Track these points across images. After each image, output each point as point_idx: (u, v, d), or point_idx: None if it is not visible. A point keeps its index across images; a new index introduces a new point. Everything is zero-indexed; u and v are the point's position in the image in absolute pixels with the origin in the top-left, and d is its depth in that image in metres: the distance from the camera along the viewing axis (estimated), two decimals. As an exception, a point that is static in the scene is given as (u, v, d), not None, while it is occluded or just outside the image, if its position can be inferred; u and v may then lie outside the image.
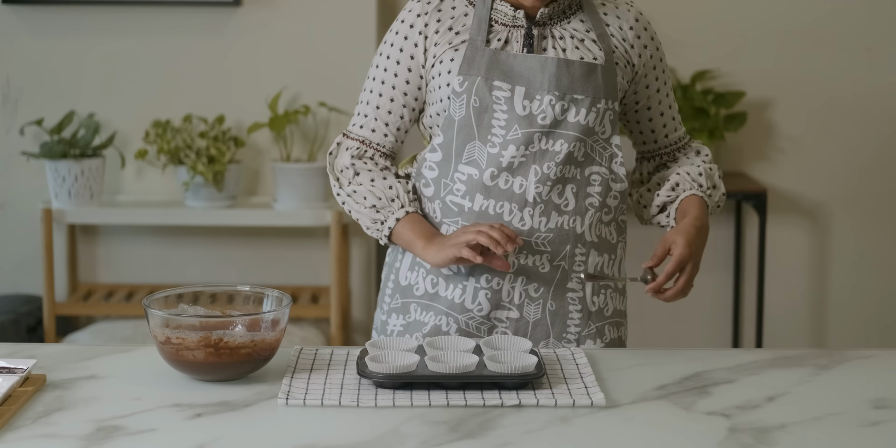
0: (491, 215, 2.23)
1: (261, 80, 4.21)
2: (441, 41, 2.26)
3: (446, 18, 2.27)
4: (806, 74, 4.29)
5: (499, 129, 2.22)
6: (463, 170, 2.24)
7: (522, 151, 2.22)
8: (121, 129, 4.23)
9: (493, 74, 2.22)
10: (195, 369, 2.01)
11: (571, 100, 2.22)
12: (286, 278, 4.31)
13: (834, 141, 4.32)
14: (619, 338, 2.36)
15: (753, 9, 4.26)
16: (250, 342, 2.00)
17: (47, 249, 4.04)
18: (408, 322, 2.32)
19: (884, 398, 1.98)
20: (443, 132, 2.26)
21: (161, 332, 2.01)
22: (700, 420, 1.88)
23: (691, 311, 4.39)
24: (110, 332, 4.03)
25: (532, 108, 2.21)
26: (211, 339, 1.98)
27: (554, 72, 2.21)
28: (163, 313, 2.02)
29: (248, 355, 2.01)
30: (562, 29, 2.27)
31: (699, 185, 2.33)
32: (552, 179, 2.23)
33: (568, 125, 2.22)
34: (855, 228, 4.37)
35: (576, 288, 2.28)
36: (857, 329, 4.42)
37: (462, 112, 2.23)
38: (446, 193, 2.26)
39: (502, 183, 2.23)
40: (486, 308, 2.27)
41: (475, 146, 2.23)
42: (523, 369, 1.98)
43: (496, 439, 1.79)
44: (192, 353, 1.98)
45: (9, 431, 1.81)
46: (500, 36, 2.25)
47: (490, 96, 2.22)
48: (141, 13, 4.19)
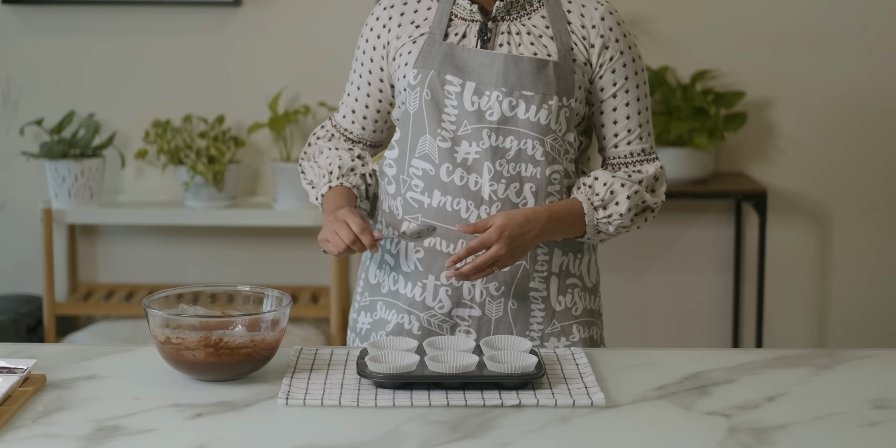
0: (449, 212, 2.22)
1: (261, 80, 4.21)
2: (402, 34, 2.28)
3: (410, 12, 2.29)
4: (806, 74, 4.29)
5: (449, 124, 2.22)
6: (417, 164, 2.24)
7: (475, 148, 2.21)
8: (121, 129, 4.23)
9: (446, 68, 2.22)
10: (195, 369, 2.01)
11: (520, 96, 2.20)
12: (286, 278, 4.31)
13: (834, 141, 4.32)
14: (590, 337, 2.34)
15: (753, 9, 4.26)
16: (250, 342, 2.00)
17: (47, 249, 4.04)
18: (374, 320, 2.33)
19: (884, 398, 1.98)
20: (400, 128, 2.28)
21: (161, 332, 2.01)
22: (700, 420, 1.88)
23: (691, 311, 4.39)
24: (110, 332, 4.03)
25: (481, 104, 2.21)
26: (211, 339, 1.98)
27: (501, 68, 2.20)
28: (163, 313, 2.02)
29: (248, 355, 2.01)
30: (520, 24, 2.25)
31: (595, 193, 2.23)
32: (506, 177, 2.21)
33: (519, 122, 2.20)
34: (855, 228, 4.37)
35: (539, 287, 2.27)
36: (857, 329, 4.42)
37: (416, 105, 2.24)
38: (406, 190, 2.26)
39: (458, 179, 2.22)
40: (447, 305, 2.26)
41: (426, 140, 2.23)
42: (523, 369, 1.98)
43: (496, 439, 1.79)
44: (192, 353, 1.98)
45: (9, 431, 1.81)
46: (459, 30, 2.25)
47: (442, 90, 2.22)
48: (141, 13, 4.19)
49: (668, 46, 4.27)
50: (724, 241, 4.37)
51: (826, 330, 4.42)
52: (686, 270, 4.37)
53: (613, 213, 2.23)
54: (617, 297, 4.37)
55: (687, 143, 4.10)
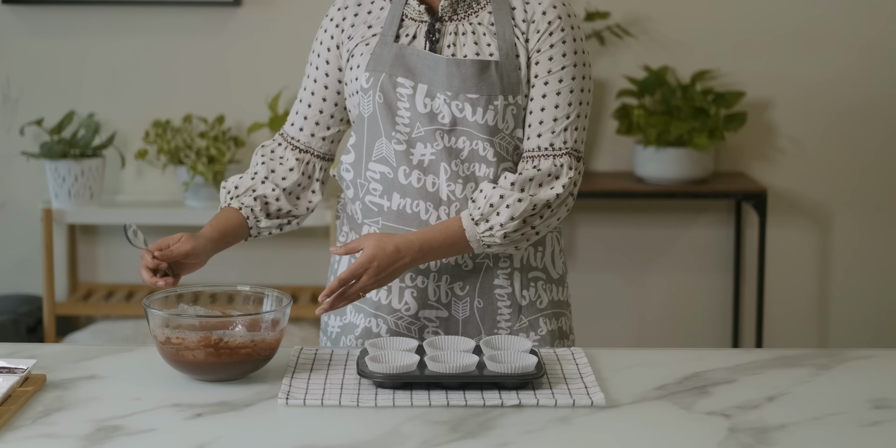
0: (409, 214, 2.21)
1: (261, 80, 4.21)
2: (355, 35, 2.26)
3: (363, 13, 2.27)
4: (806, 74, 4.29)
5: (403, 126, 2.20)
6: (374, 168, 2.23)
7: (430, 149, 2.19)
8: (121, 129, 4.23)
9: (398, 71, 2.20)
10: (195, 369, 2.01)
11: (465, 99, 2.17)
12: (286, 278, 4.31)
13: (834, 141, 4.32)
14: (559, 329, 2.33)
15: (753, 9, 4.26)
16: (250, 342, 2.00)
17: (47, 249, 4.04)
18: (344, 323, 2.31)
19: (884, 398, 1.98)
20: (355, 132, 2.26)
21: (161, 332, 2.01)
22: (700, 420, 1.88)
23: (691, 311, 4.39)
24: (110, 332, 4.03)
25: (433, 107, 2.19)
26: (211, 339, 1.98)
27: (444, 72, 2.18)
28: (163, 313, 2.02)
29: (248, 355, 2.01)
30: (466, 23, 2.22)
31: (477, 207, 2.16)
32: (462, 177, 2.20)
33: (468, 123, 2.18)
34: (855, 228, 4.37)
35: (503, 283, 2.26)
36: (858, 329, 4.42)
37: (370, 109, 2.22)
38: (364, 194, 2.25)
39: (415, 181, 2.20)
40: (413, 307, 2.25)
41: (382, 143, 2.22)
42: (523, 369, 1.98)
43: (496, 439, 1.79)
44: (192, 353, 1.98)
45: (9, 431, 1.81)
46: (410, 31, 2.23)
47: (394, 93, 2.20)
48: (141, 13, 4.19)
49: (668, 46, 4.27)
50: (724, 241, 4.37)
51: (826, 330, 4.42)
52: (686, 270, 4.37)
53: (494, 224, 2.15)
54: (617, 297, 4.37)
55: (687, 143, 4.10)
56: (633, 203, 4.34)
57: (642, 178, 4.17)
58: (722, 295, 4.39)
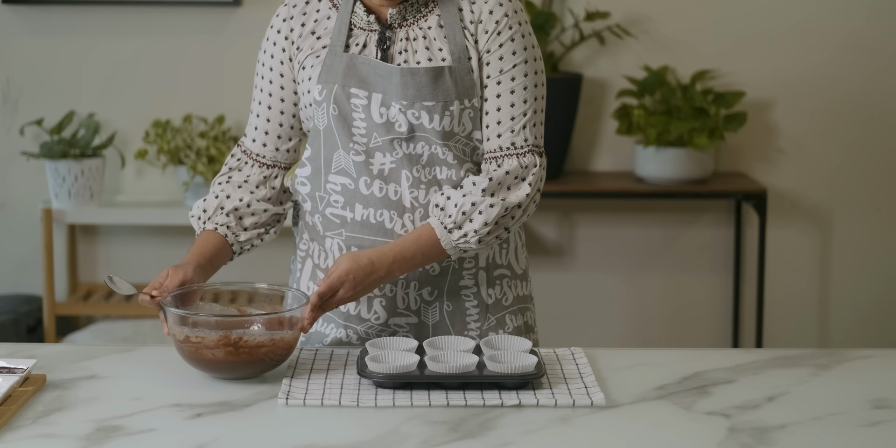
0: (373, 224, 2.19)
1: (261, 80, 4.21)
2: (304, 46, 2.22)
3: (310, 22, 2.22)
4: (806, 74, 4.29)
5: (360, 137, 2.18)
6: (335, 180, 2.20)
7: (390, 158, 2.17)
8: (121, 129, 4.23)
9: (350, 81, 2.16)
10: (214, 368, 2.01)
11: (421, 107, 2.15)
12: (286, 278, 4.30)
13: (834, 141, 4.32)
14: (524, 323, 2.32)
15: (753, 8, 4.26)
16: (269, 341, 2.00)
17: (47, 249, 4.04)
18: (310, 333, 2.28)
19: (884, 398, 1.98)
20: (310, 145, 2.23)
21: (180, 331, 2.00)
22: (700, 420, 1.88)
23: (691, 311, 4.39)
24: (110, 332, 4.03)
25: (389, 116, 2.16)
26: (230, 338, 1.98)
27: (398, 81, 2.14)
28: (181, 311, 2.02)
29: (267, 354, 2.01)
30: (416, 28, 2.19)
31: (447, 215, 2.15)
32: (424, 182, 2.18)
33: (425, 130, 2.16)
34: (855, 228, 4.37)
35: (468, 284, 2.25)
36: (858, 329, 4.42)
37: (324, 121, 2.19)
38: (325, 206, 2.22)
39: (377, 191, 2.18)
40: (382, 316, 2.24)
41: (340, 155, 2.19)
42: (523, 369, 1.98)
43: (496, 439, 1.79)
44: (212, 352, 1.99)
45: (9, 431, 1.81)
46: (359, 40, 2.19)
47: (348, 104, 2.17)
48: (141, 13, 4.19)
49: (668, 46, 4.27)
50: (724, 241, 4.37)
51: (826, 330, 4.42)
52: (686, 270, 4.37)
53: (468, 231, 2.14)
54: (617, 297, 4.37)
55: (687, 143, 4.10)
56: (633, 203, 4.34)
57: (642, 178, 4.17)
58: (722, 295, 4.39)
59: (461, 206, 2.14)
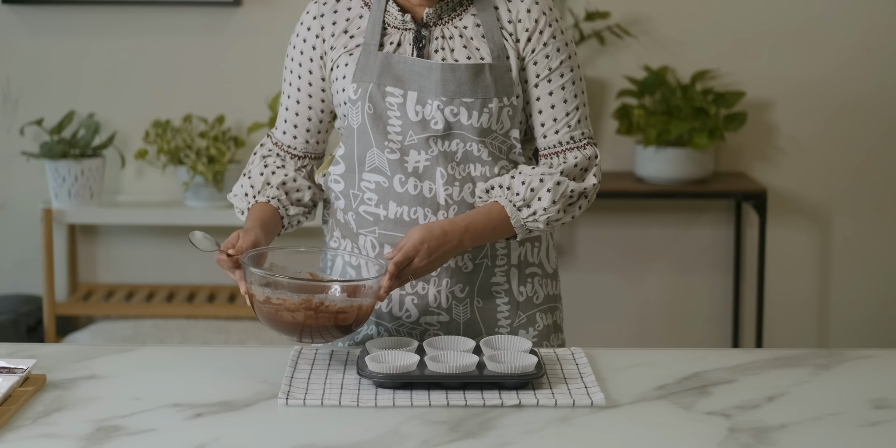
0: (407, 221, 2.20)
1: (261, 80, 4.21)
2: (337, 45, 2.23)
3: (342, 21, 2.24)
4: (806, 74, 4.29)
5: (395, 135, 2.19)
6: (369, 178, 2.22)
7: (425, 156, 2.19)
8: (121, 129, 4.23)
9: (386, 80, 2.18)
10: (291, 330, 2.02)
11: (461, 104, 2.17)
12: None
13: (834, 141, 4.32)
14: (553, 323, 2.34)
15: (753, 8, 4.26)
16: (349, 307, 2.02)
17: (47, 249, 4.04)
18: None
19: (884, 398, 1.98)
20: (344, 143, 2.24)
21: (261, 292, 2.02)
22: (700, 420, 1.88)
23: (691, 311, 4.39)
24: (110, 332, 4.03)
25: (424, 114, 2.18)
26: (312, 302, 2.00)
27: (439, 77, 2.16)
28: (265, 273, 2.03)
29: (345, 320, 2.02)
30: (452, 27, 2.21)
31: (515, 193, 2.18)
32: (458, 179, 2.20)
33: (462, 127, 2.18)
34: (855, 228, 4.37)
35: (500, 281, 2.26)
36: (858, 329, 4.42)
37: (358, 120, 2.20)
38: (358, 204, 2.24)
39: (412, 188, 2.20)
40: (414, 314, 2.24)
41: (374, 154, 2.20)
42: (523, 369, 1.98)
43: (496, 439, 1.79)
44: (292, 315, 2.00)
45: (9, 431, 1.81)
46: (393, 39, 2.21)
47: (383, 102, 2.18)
48: (141, 13, 4.19)
49: (668, 46, 4.27)
50: (724, 241, 4.37)
51: (826, 330, 4.43)
52: (686, 270, 4.37)
53: (538, 209, 2.18)
54: (617, 297, 4.37)
55: (687, 143, 4.10)
56: (633, 203, 4.34)
57: (642, 178, 4.17)
58: (722, 295, 4.39)
59: (529, 183, 2.17)
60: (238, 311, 4.09)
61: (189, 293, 4.23)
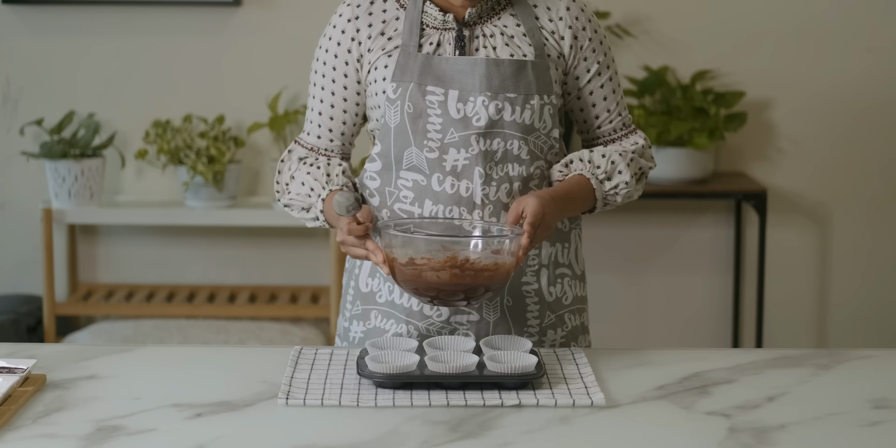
0: None
1: (261, 80, 4.21)
2: (374, 47, 2.24)
3: (377, 22, 2.25)
4: (806, 74, 4.29)
5: (434, 133, 2.20)
6: (406, 176, 2.22)
7: (464, 154, 2.20)
8: (121, 129, 4.23)
9: (426, 80, 2.19)
10: (434, 290, 2.03)
11: (504, 99, 2.19)
12: (286, 278, 4.31)
13: (834, 141, 4.32)
14: (581, 324, 2.34)
15: (753, 9, 4.26)
16: (493, 265, 2.03)
17: (47, 249, 4.04)
18: (368, 329, 2.29)
19: (884, 398, 1.98)
20: (380, 141, 2.24)
21: (403, 254, 2.02)
22: (700, 420, 1.88)
23: (691, 311, 4.39)
24: (110, 332, 4.03)
25: (466, 111, 2.19)
26: (457, 260, 2.01)
27: (484, 72, 2.19)
28: (408, 235, 2.04)
29: (490, 279, 2.03)
30: (492, 26, 2.24)
31: (596, 166, 2.25)
32: (496, 179, 2.21)
33: (505, 124, 2.20)
34: (855, 228, 4.37)
35: (530, 280, 2.26)
36: (857, 329, 4.42)
37: (397, 119, 2.21)
38: (393, 202, 2.24)
39: (448, 187, 2.20)
40: (445, 314, 2.24)
41: (412, 152, 2.21)
42: (523, 369, 1.98)
43: (496, 439, 1.79)
44: (437, 274, 2.01)
45: (9, 431, 1.81)
46: (433, 39, 2.23)
47: (424, 101, 2.19)
48: (140, 13, 4.19)
49: (668, 46, 4.27)
50: (724, 241, 4.37)
51: (826, 330, 4.43)
52: (686, 270, 4.38)
53: (619, 182, 2.26)
54: (617, 297, 4.37)
55: (687, 143, 4.10)
56: (633, 203, 4.32)
57: (642, 178, 4.17)
58: (722, 295, 4.39)
59: (609, 157, 2.25)
60: (238, 311, 4.09)
61: (189, 293, 4.23)
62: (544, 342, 2.29)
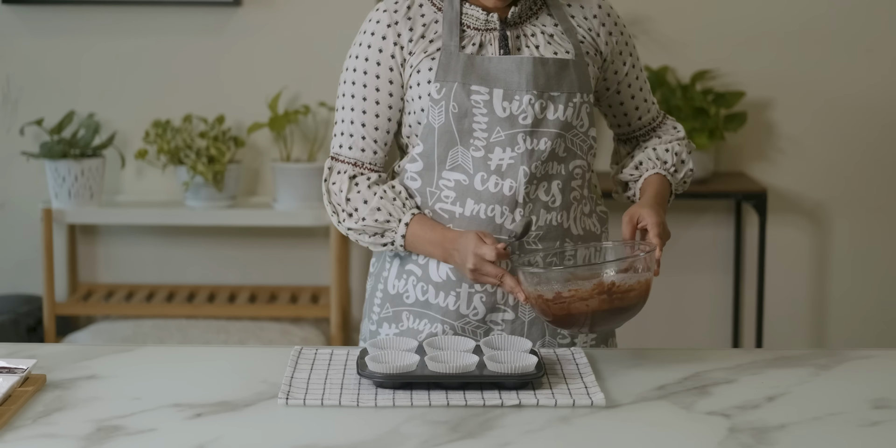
0: (483, 219, 2.21)
1: (261, 80, 4.21)
2: (416, 50, 2.23)
3: (417, 26, 2.24)
4: (806, 74, 4.29)
5: (480, 132, 2.20)
6: (448, 176, 2.23)
7: (510, 153, 2.21)
8: (121, 129, 4.23)
9: (470, 79, 2.20)
10: (586, 320, 2.04)
11: (549, 97, 2.21)
12: (286, 278, 4.31)
13: (834, 141, 4.32)
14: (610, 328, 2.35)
15: (753, 9, 4.26)
16: (637, 283, 2.05)
17: (47, 249, 4.04)
18: (401, 330, 2.29)
19: (884, 398, 1.98)
20: (422, 141, 2.24)
21: (549, 289, 2.03)
22: (700, 420, 1.88)
23: (691, 311, 4.39)
24: (110, 332, 4.03)
25: (512, 109, 2.20)
26: (604, 286, 2.02)
27: (530, 71, 2.20)
28: (560, 270, 2.06)
29: (636, 298, 2.05)
30: (532, 26, 2.26)
31: (663, 162, 2.35)
32: (538, 178, 2.22)
33: (548, 123, 2.22)
34: (855, 228, 4.37)
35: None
36: (857, 329, 4.42)
37: (441, 119, 2.21)
38: (434, 201, 2.24)
39: (492, 186, 2.21)
40: (481, 312, 2.25)
41: (458, 151, 2.22)
42: (523, 369, 1.98)
43: (496, 439, 1.79)
44: (586, 303, 2.02)
45: (9, 431, 1.81)
46: (475, 40, 2.23)
47: (469, 101, 2.20)
48: (140, 13, 4.19)
49: (668, 46, 4.27)
50: (724, 241, 4.37)
51: (826, 330, 4.43)
52: (686, 270, 4.37)
53: (686, 171, 2.37)
54: (617, 297, 4.36)
55: (687, 143, 4.10)
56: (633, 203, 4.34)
57: (642, 178, 4.17)
58: (722, 295, 4.39)
59: (673, 150, 2.36)
60: (238, 311, 4.09)
61: (189, 293, 4.23)
62: (576, 343, 2.29)
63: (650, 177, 2.34)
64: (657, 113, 2.42)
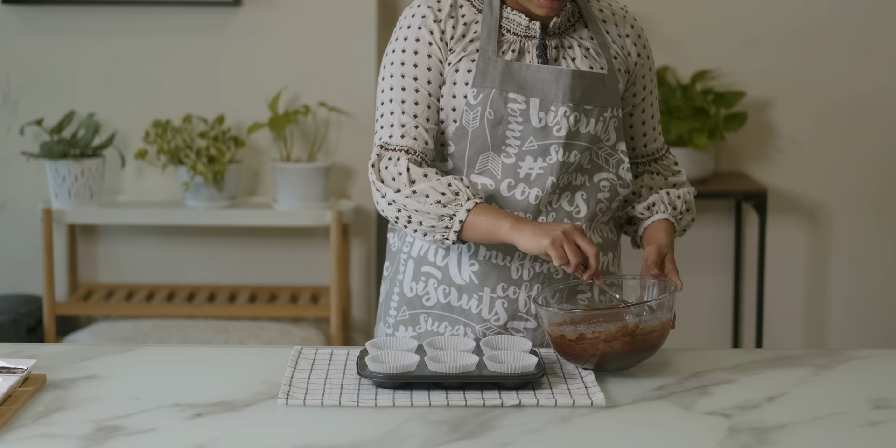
0: None
1: (261, 80, 4.21)
2: (457, 49, 2.23)
3: (460, 25, 2.24)
4: (806, 74, 4.29)
5: (514, 140, 2.21)
6: (475, 180, 2.23)
7: (541, 163, 2.21)
8: (121, 129, 4.23)
9: (508, 86, 2.20)
10: (606, 361, 2.04)
11: (583, 111, 2.21)
12: (286, 278, 4.31)
13: (834, 141, 4.32)
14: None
15: (753, 9, 4.26)
16: (659, 325, 2.04)
17: (47, 249, 4.04)
18: (418, 333, 2.28)
19: (884, 398, 1.98)
20: (454, 142, 2.23)
21: (573, 330, 2.02)
22: (700, 420, 1.88)
23: (691, 311, 4.39)
24: (110, 332, 4.03)
25: (548, 120, 2.20)
26: (628, 328, 2.01)
27: (568, 83, 2.19)
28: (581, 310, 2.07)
29: (657, 339, 2.04)
30: (570, 38, 2.26)
31: (674, 207, 2.35)
32: (560, 188, 2.23)
33: (581, 136, 2.22)
34: (855, 228, 4.37)
35: (584, 289, 2.26)
36: (857, 329, 4.42)
37: (476, 124, 2.21)
38: None
39: (518, 194, 2.22)
40: (503, 318, 2.25)
41: (489, 156, 2.22)
42: (523, 369, 1.98)
43: (496, 439, 1.79)
44: (609, 345, 2.01)
45: (9, 431, 1.81)
46: (514, 46, 2.23)
47: (505, 108, 2.20)
48: (140, 13, 4.19)
49: (668, 46, 4.27)
50: (724, 241, 4.37)
51: (826, 330, 4.43)
52: (686, 270, 4.34)
53: (689, 220, 2.38)
54: (617, 297, 4.36)
55: (687, 143, 4.10)
56: (632, 203, 4.34)
57: (642, 178, 4.17)
58: (722, 295, 4.39)
59: (683, 197, 2.37)
60: (238, 310, 4.09)
61: (189, 293, 4.23)
62: None
63: (657, 222, 2.33)
64: (661, 145, 2.41)
